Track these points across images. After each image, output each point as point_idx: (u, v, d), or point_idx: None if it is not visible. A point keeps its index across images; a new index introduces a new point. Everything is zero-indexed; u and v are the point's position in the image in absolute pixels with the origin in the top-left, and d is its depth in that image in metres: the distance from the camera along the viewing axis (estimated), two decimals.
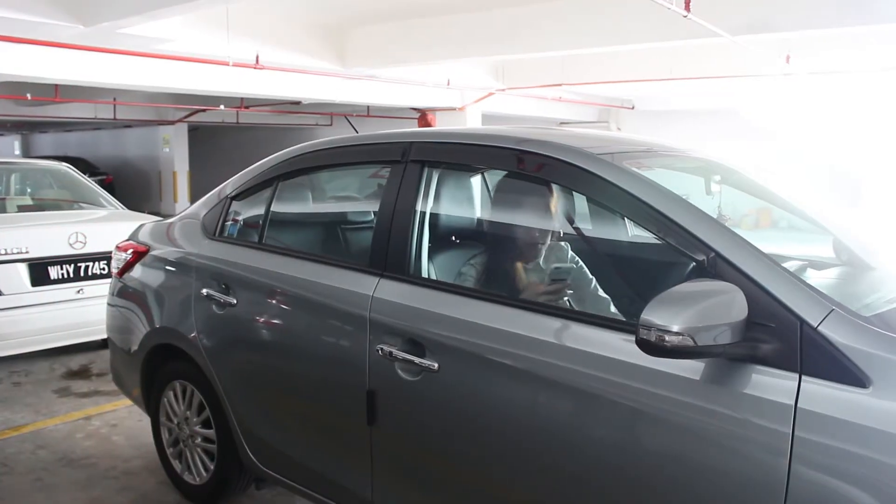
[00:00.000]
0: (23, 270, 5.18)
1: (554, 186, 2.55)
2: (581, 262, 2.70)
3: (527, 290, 2.59)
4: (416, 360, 2.36)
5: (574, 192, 2.61)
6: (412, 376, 2.39)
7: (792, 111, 14.17)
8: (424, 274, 2.61)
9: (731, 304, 1.68)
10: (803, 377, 1.65)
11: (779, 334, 1.69)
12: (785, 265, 1.88)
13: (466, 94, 12.73)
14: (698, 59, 9.99)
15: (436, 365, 2.32)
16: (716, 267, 1.81)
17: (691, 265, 1.91)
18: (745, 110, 14.63)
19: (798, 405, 1.62)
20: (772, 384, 1.68)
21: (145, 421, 3.96)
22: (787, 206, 2.96)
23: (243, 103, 14.72)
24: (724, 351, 1.68)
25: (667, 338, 1.65)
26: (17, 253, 5.13)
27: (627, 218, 2.63)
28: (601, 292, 2.64)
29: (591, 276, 2.68)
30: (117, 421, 4.63)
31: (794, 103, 13.63)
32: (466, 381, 2.30)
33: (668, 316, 1.65)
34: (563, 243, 2.75)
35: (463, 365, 2.30)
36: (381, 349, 2.45)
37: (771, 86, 11.40)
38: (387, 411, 2.51)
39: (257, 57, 7.97)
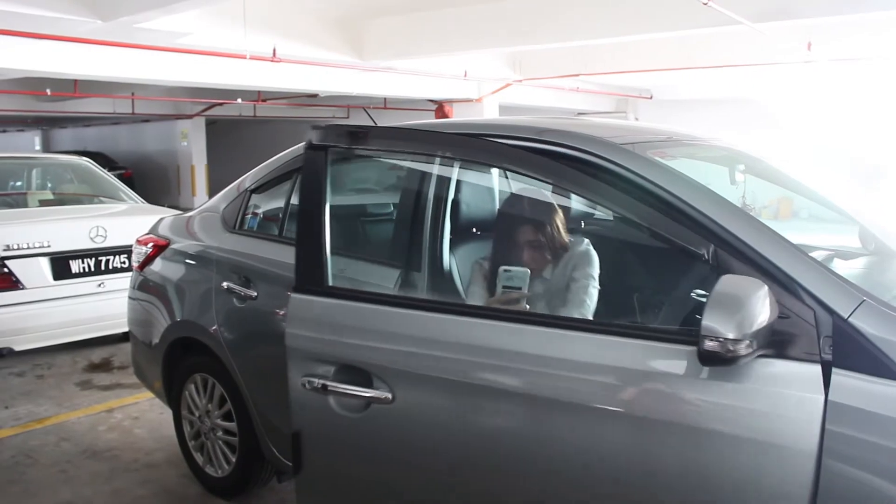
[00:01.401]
0: (45, 264, 5.21)
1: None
2: (594, 262, 2.50)
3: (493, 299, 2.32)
4: (361, 391, 2.04)
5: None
6: (354, 412, 2.08)
7: (812, 99, 14.02)
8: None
9: (768, 301, 1.60)
10: (833, 369, 1.61)
11: (808, 326, 1.65)
12: (812, 255, 1.84)
13: (483, 85, 12.70)
14: (717, 47, 9.91)
15: (389, 395, 2.02)
16: (744, 259, 1.75)
17: (718, 259, 1.83)
18: (764, 98, 14.50)
19: (829, 398, 1.60)
20: (801, 378, 1.63)
21: (167, 414, 3.98)
22: (812, 195, 2.91)
23: (260, 97, 14.76)
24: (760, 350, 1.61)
25: (730, 346, 1.54)
26: (40, 247, 5.17)
27: (651, 208, 2.54)
28: (605, 295, 2.43)
29: (593, 277, 2.45)
30: (139, 413, 4.66)
31: (815, 91, 13.48)
32: (434, 408, 2.01)
33: (730, 323, 1.54)
34: (576, 239, 2.60)
35: (428, 391, 2.01)
36: (309, 382, 2.11)
37: (791, 73, 11.28)
38: (321, 454, 2.19)
39: (274, 50, 7.98)
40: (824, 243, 2.79)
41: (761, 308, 1.57)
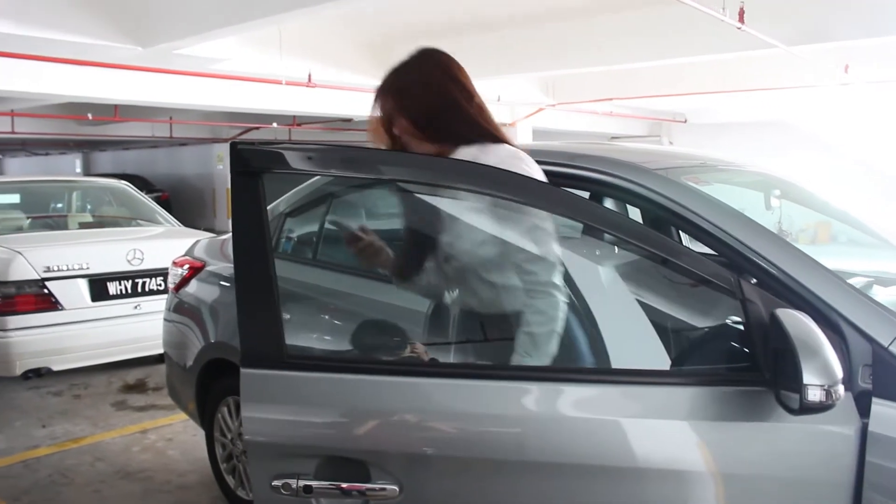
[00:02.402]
0: (83, 286, 5.30)
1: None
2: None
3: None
4: (359, 487, 1.61)
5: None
6: None
7: (850, 121, 13.85)
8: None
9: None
10: (874, 399, 1.58)
11: (847, 356, 1.62)
12: (850, 281, 1.81)
13: (517, 109, 12.73)
14: (752, 70, 9.84)
15: (396, 487, 1.61)
16: (781, 288, 1.71)
17: (755, 290, 1.75)
18: (801, 122, 14.35)
19: (869, 429, 1.56)
20: (840, 407, 1.57)
21: (200, 435, 4.00)
22: (849, 220, 2.87)
23: (295, 121, 14.94)
24: None
25: (833, 393, 1.44)
26: (79, 269, 5.26)
27: (687, 235, 2.47)
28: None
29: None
30: (173, 435, 4.70)
31: (853, 113, 13.32)
32: (459, 497, 1.66)
33: (822, 368, 1.45)
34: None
35: (449, 475, 1.65)
36: (286, 485, 1.62)
37: (828, 96, 11.16)
38: None
39: (309, 75, 8.08)
40: (863, 269, 2.74)
41: (832, 348, 1.48)
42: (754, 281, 1.74)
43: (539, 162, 2.31)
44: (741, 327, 1.64)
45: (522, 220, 1.90)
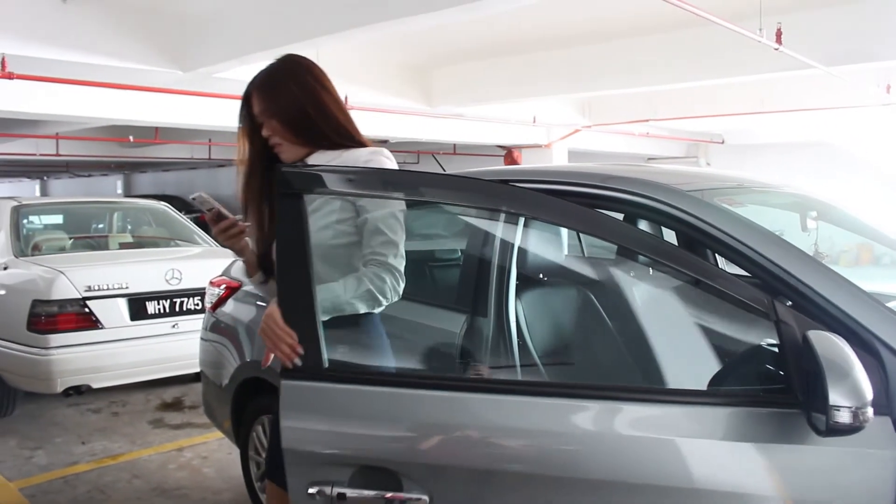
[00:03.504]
0: (122, 305, 5.38)
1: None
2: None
3: None
4: (390, 496, 1.66)
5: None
6: None
7: (893, 142, 13.60)
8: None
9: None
10: None
11: (885, 380, 1.59)
12: (890, 304, 1.78)
13: (552, 130, 12.70)
14: (791, 91, 9.73)
15: (426, 497, 1.65)
16: (816, 310, 1.68)
17: (789, 311, 1.75)
18: (842, 142, 14.12)
19: None
20: (878, 432, 1.56)
21: (235, 454, 4.03)
22: (891, 242, 2.81)
23: None
24: None
25: (861, 415, 1.43)
26: (118, 288, 5.34)
27: (721, 256, 2.43)
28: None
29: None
30: (208, 453, 4.73)
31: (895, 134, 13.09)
32: None
33: (851, 390, 1.44)
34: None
35: (478, 488, 1.69)
36: (320, 492, 1.68)
37: (869, 116, 10.99)
38: None
39: (346, 97, 8.12)
40: None
41: (863, 370, 1.47)
42: (789, 303, 1.72)
43: (572, 183, 2.34)
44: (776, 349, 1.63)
45: (386, 206, 1.98)
